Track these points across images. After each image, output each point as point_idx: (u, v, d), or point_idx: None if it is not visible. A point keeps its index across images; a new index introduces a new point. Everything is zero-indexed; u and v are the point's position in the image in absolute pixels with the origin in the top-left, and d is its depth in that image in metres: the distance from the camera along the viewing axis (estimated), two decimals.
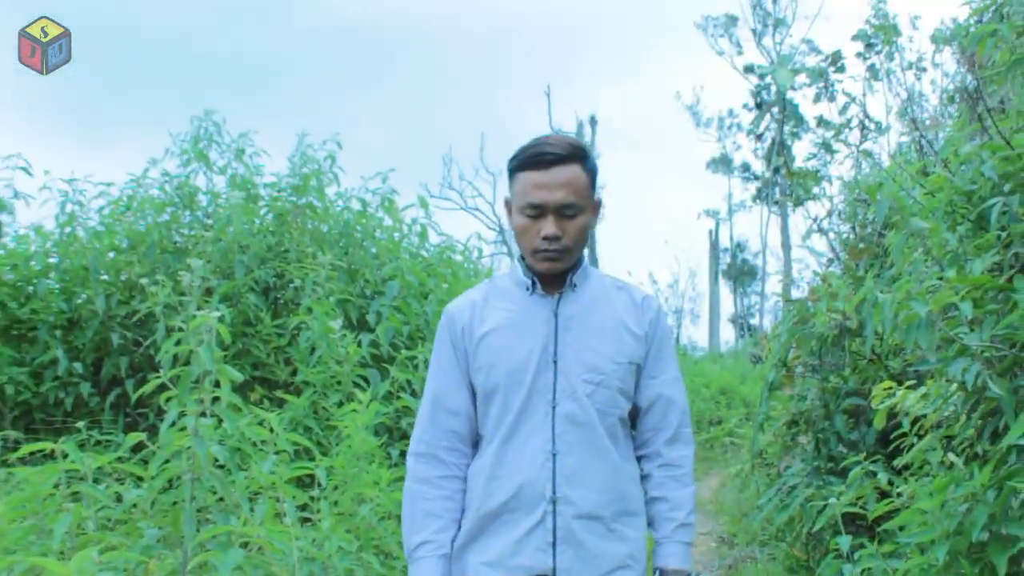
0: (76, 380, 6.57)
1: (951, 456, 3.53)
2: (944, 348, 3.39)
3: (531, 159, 2.39)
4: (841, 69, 12.34)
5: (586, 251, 2.56)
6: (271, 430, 4.00)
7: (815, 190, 8.69)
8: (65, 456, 3.37)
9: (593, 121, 41.03)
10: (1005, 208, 3.35)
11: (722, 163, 46.44)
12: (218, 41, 68.08)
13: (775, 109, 26.57)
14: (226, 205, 7.19)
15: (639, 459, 2.55)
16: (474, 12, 70.02)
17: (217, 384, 3.54)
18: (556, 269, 2.45)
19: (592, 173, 2.47)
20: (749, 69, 37.74)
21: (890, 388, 4.23)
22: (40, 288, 6.84)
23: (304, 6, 70.07)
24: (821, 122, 10.93)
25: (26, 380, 6.47)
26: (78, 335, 6.81)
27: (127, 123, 68.27)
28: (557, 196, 2.36)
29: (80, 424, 4.83)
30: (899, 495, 3.88)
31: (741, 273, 48.25)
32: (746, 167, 43.92)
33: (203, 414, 3.49)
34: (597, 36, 72.63)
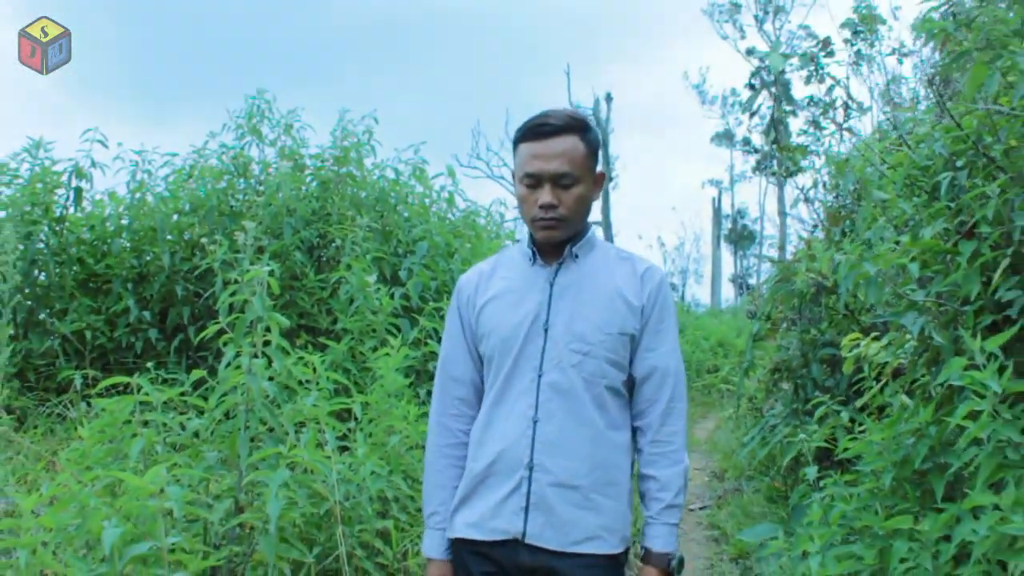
0: (145, 327, 6.74)
1: (903, 397, 3.65)
2: (896, 303, 3.50)
3: (530, 131, 2.26)
4: (830, 54, 12.29)
5: (599, 221, 2.40)
6: (314, 370, 4.08)
7: (803, 163, 8.73)
8: (139, 389, 3.49)
9: (609, 98, 40.70)
10: (954, 181, 3.42)
11: (725, 137, 46.08)
12: (270, 26, 67.75)
13: (772, 89, 26.28)
14: (276, 174, 7.28)
15: (633, 430, 2.36)
16: (499, 2, 69.29)
17: (268, 329, 3.64)
18: (554, 238, 2.29)
19: (592, 145, 2.30)
20: (751, 52, 37.39)
21: (857, 339, 4.31)
22: (114, 246, 7.01)
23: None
24: (811, 101, 10.90)
25: (102, 327, 6.65)
26: (147, 287, 6.98)
27: (187, 100, 68.20)
28: (553, 166, 2.22)
29: (149, 365, 4.98)
30: (861, 432, 3.99)
31: (741, 237, 48.00)
32: (747, 141, 43.35)
33: (256, 355, 3.56)
34: (612, 21, 71.84)
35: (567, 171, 2.23)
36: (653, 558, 2.24)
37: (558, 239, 2.30)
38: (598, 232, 2.51)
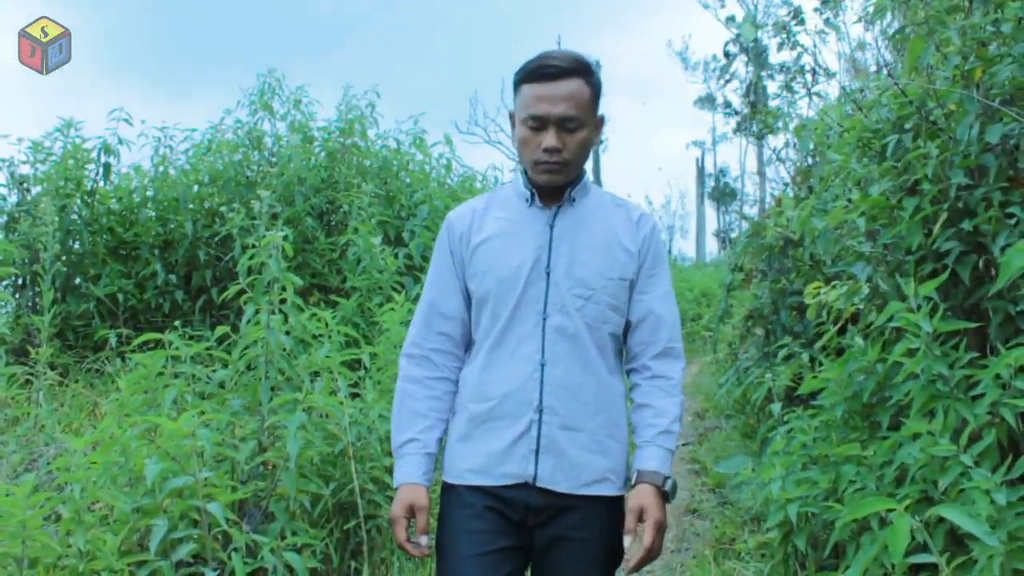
0: (171, 289, 6.89)
1: (858, 339, 3.78)
2: (847, 255, 3.63)
3: (535, 71, 2.07)
4: (801, 22, 12.26)
5: (589, 170, 2.19)
6: (326, 325, 4.21)
7: (777, 125, 8.79)
8: (170, 345, 3.63)
9: (598, 65, 40.32)
10: (900, 143, 3.53)
11: (707, 101, 45.78)
12: (278, 3, 67.09)
13: (751, 54, 26.19)
14: (287, 146, 7.38)
15: (628, 372, 2.22)
16: None
17: (283, 288, 3.76)
18: (556, 182, 2.12)
19: (596, 88, 2.13)
20: (730, 19, 37.13)
21: (819, 287, 4.42)
22: (141, 216, 7.14)
23: None
24: (783, 68, 10.93)
25: (132, 290, 6.79)
26: (172, 253, 7.12)
27: (202, 71, 67.76)
28: (559, 109, 2.04)
29: (176, 323, 5.11)
30: (822, 371, 4.13)
31: (723, 195, 47.85)
32: (728, 104, 43.32)
33: (273, 312, 3.68)
34: None
35: (573, 114, 2.05)
36: (647, 476, 2.04)
37: (559, 183, 2.13)
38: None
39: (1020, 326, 2.81)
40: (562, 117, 2.04)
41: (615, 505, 2.10)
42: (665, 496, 2.04)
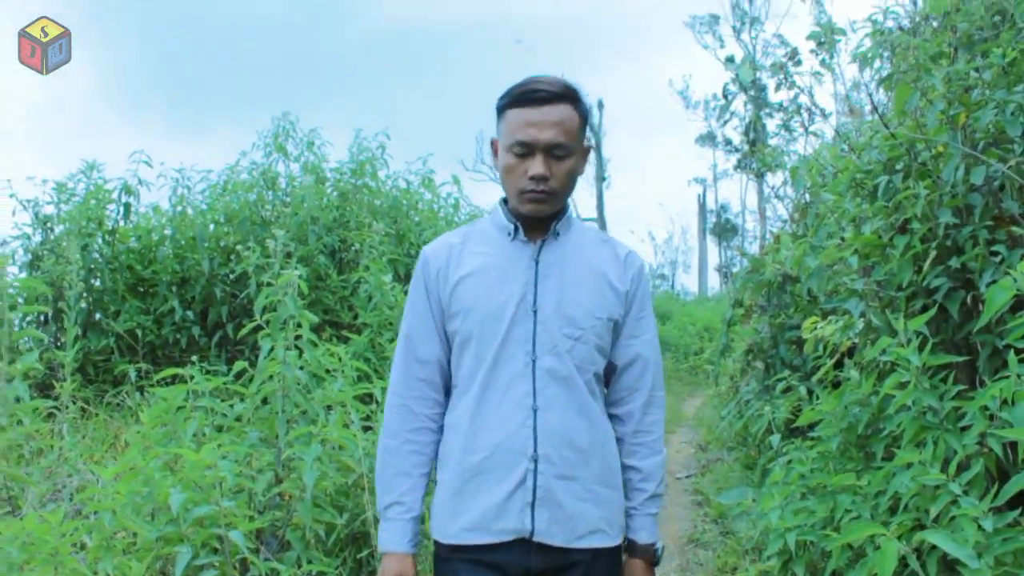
0: (188, 324, 6.99)
1: (854, 372, 3.85)
2: (841, 291, 3.71)
3: (522, 96, 1.92)
4: (798, 63, 12.43)
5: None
6: (340, 360, 4.29)
7: (777, 163, 8.90)
8: (191, 378, 3.71)
9: (600, 105, 40.81)
10: (890, 184, 3.62)
11: (708, 139, 46.03)
12: (287, 42, 67.97)
13: (750, 93, 26.44)
14: (300, 187, 7.51)
15: (611, 418, 2.08)
16: (497, 16, 69.41)
17: (299, 325, 3.86)
18: (542, 212, 1.96)
19: (584, 116, 1.98)
20: (730, 60, 37.52)
21: (816, 322, 4.50)
22: (159, 254, 7.26)
23: (358, 14, 69.91)
24: (780, 107, 11.07)
25: (150, 325, 6.89)
26: (189, 290, 7.23)
27: (215, 113, 68.53)
28: (547, 135, 1.89)
29: (193, 359, 5.20)
30: (819, 404, 4.19)
31: (724, 230, 47.97)
32: (728, 142, 43.60)
33: (289, 348, 3.78)
34: (603, 34, 71.92)
35: (562, 141, 1.91)
36: (639, 551, 2.02)
37: (546, 213, 1.97)
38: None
39: (1007, 359, 2.88)
40: (550, 144, 1.90)
41: (614, 557, 2.01)
42: (656, 563, 2.05)
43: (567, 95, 1.93)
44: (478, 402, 1.94)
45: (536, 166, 1.90)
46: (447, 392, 2.05)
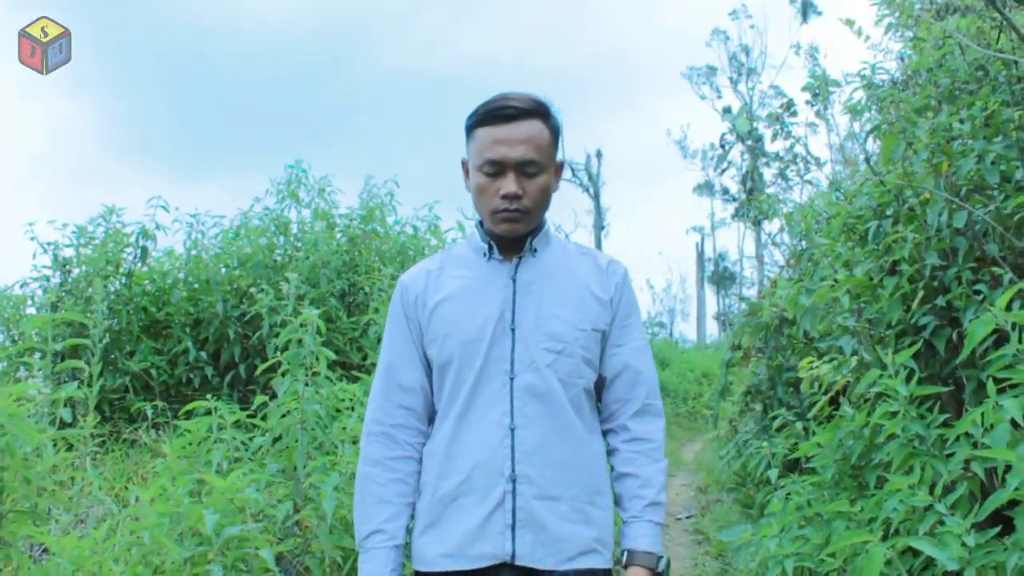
0: (201, 364, 7.14)
1: (845, 407, 4.01)
2: (835, 330, 3.89)
3: (491, 113, 1.87)
4: (794, 114, 12.75)
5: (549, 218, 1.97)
6: (352, 397, 4.47)
7: (771, 211, 9.13)
8: (216, 411, 3.88)
9: (599, 154, 41.44)
10: (880, 228, 3.82)
11: (706, 188, 46.54)
12: (293, 92, 68.91)
13: (748, 142, 26.86)
14: (311, 232, 7.71)
15: (605, 433, 2.00)
16: (493, 65, 70.44)
17: (316, 359, 4.03)
18: (516, 231, 1.90)
19: (555, 132, 1.93)
20: (727, 111, 38.14)
21: (811, 362, 4.66)
22: (174, 296, 7.43)
23: (356, 64, 71.03)
24: (777, 157, 11.36)
25: (164, 365, 7.06)
26: (202, 331, 7.39)
27: (217, 160, 69.29)
28: (518, 152, 1.84)
29: (207, 396, 5.34)
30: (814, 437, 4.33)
31: (723, 278, 48.25)
32: (726, 191, 44.09)
33: (308, 383, 3.97)
34: (601, 84, 72.91)
35: (533, 158, 1.86)
36: (639, 557, 1.86)
37: (520, 232, 1.92)
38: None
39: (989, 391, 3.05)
40: (521, 161, 1.85)
41: None
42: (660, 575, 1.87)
43: (537, 111, 1.89)
44: (456, 427, 1.88)
45: (508, 184, 1.85)
46: (429, 422, 1.98)
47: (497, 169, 1.85)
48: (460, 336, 1.88)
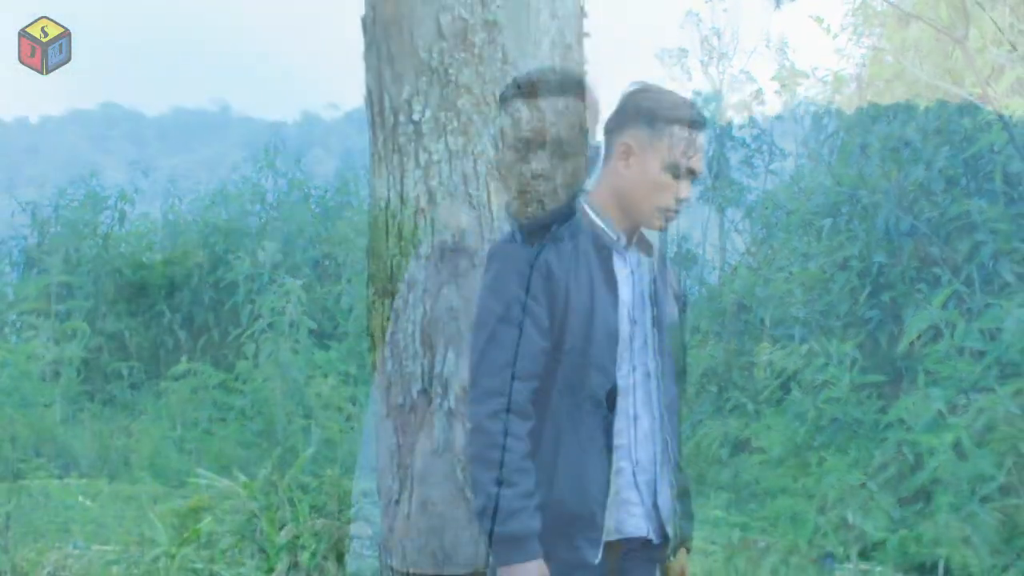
0: (175, 328, 7.25)
1: (796, 392, 4.27)
2: (788, 320, 4.15)
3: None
4: (762, 103, 13.01)
5: None
6: (328, 362, 4.65)
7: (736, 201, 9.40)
8: (198, 373, 4.05)
9: None
10: (835, 225, 4.07)
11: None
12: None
13: (715, 131, 27.12)
14: (287, 201, 7.82)
15: None
16: None
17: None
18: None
19: None
20: (697, 94, 38.39)
21: (766, 348, 4.92)
22: (149, 259, 7.50)
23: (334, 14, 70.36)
24: (744, 144, 11.62)
25: (139, 327, 7.15)
26: (177, 295, 7.49)
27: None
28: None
29: (184, 359, 5.48)
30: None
31: (686, 260, 48.75)
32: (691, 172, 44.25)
33: (296, 350, 4.14)
34: None
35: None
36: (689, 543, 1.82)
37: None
38: None
39: (920, 383, 3.33)
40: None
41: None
42: None
43: None
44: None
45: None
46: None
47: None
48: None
